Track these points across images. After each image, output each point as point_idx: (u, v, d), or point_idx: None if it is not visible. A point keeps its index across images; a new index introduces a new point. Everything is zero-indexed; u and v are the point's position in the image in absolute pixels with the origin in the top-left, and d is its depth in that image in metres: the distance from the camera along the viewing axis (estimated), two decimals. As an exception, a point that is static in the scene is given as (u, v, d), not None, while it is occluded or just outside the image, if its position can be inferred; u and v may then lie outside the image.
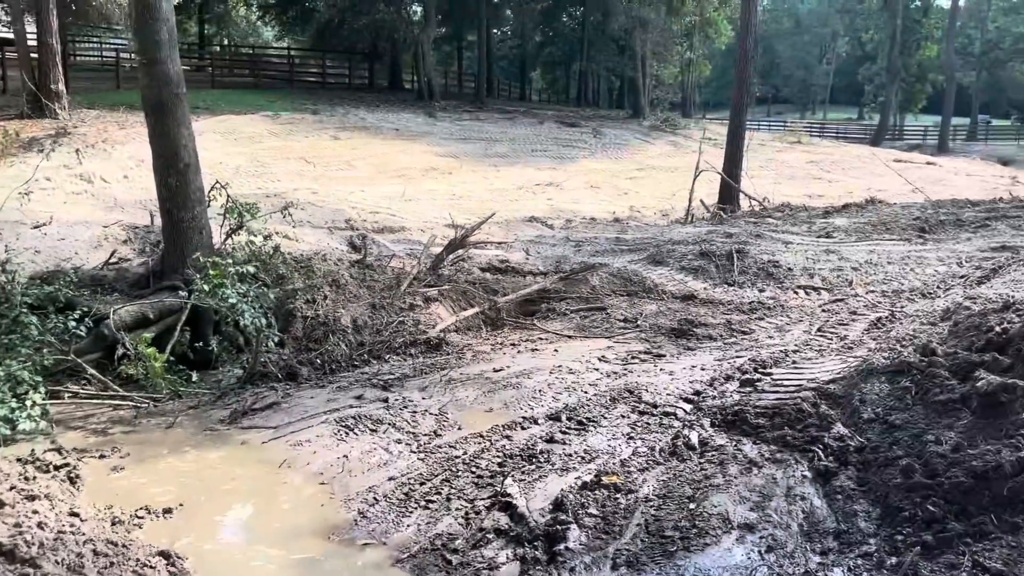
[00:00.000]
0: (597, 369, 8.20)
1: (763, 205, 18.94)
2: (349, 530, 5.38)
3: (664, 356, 8.58)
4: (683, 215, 17.20)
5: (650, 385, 7.53)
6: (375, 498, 5.72)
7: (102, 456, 6.39)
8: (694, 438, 6.04)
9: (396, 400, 7.39)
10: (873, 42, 72.00)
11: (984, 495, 4.45)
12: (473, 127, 22.29)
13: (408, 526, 5.36)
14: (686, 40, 51.49)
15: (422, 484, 5.88)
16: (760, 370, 7.54)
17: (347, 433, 6.76)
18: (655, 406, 7.00)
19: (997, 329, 6.02)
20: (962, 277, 11.31)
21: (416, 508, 5.56)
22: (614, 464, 5.88)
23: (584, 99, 49.89)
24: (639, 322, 9.96)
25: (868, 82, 75.90)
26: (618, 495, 5.32)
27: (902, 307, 9.79)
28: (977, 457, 4.66)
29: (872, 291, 11.06)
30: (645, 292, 11.20)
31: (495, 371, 8.19)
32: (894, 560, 4.23)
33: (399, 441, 6.62)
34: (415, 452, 6.44)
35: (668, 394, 7.27)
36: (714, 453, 5.77)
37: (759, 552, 4.54)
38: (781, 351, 8.27)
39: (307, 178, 15.94)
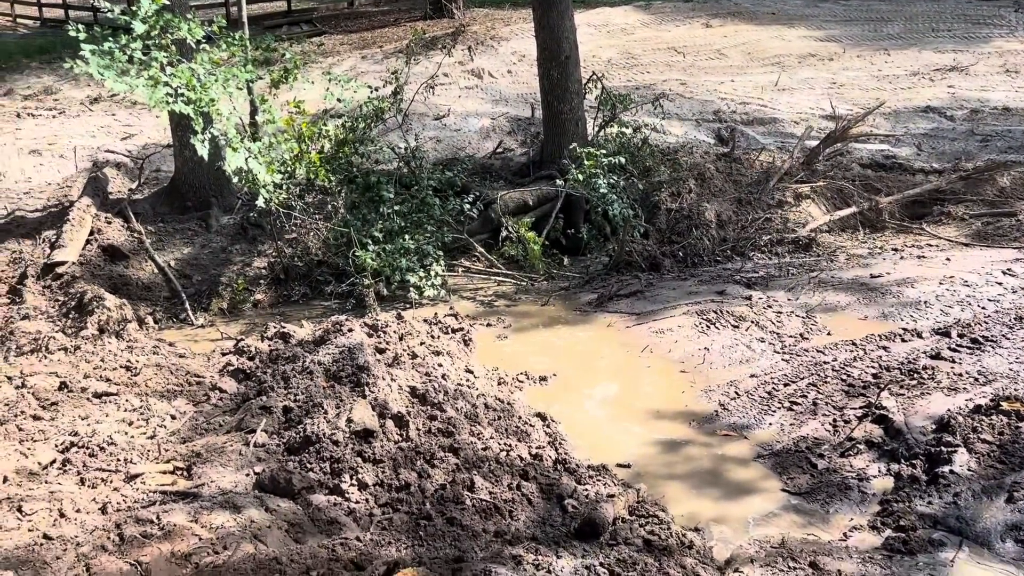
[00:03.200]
0: (1000, 283, 7.17)
1: None
2: (710, 420, 5.47)
3: (1092, 273, 7.21)
4: None
5: (1072, 306, 6.41)
6: (736, 392, 5.72)
7: (489, 324, 7.21)
8: None
9: (760, 298, 7.21)
10: None
11: None
12: (861, 7, 19.93)
13: (770, 424, 5.30)
14: None
15: (786, 385, 5.74)
16: None
17: (708, 326, 6.79)
18: (1077, 331, 5.96)
19: None
20: None
21: (779, 408, 5.46)
22: (1017, 390, 5.17)
23: (1003, -35, 41.77)
24: (1060, 232, 8.43)
25: None
26: (1020, 424, 4.68)
27: None
28: None
29: None
30: (1072, 197, 9.38)
31: (872, 277, 7.55)
32: None
33: (762, 340, 6.49)
34: (778, 352, 6.28)
35: (1098, 319, 6.13)
36: None
37: None
38: None
39: (676, 69, 15.67)
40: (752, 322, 6.77)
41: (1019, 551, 3.83)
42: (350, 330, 5.84)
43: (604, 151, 8.83)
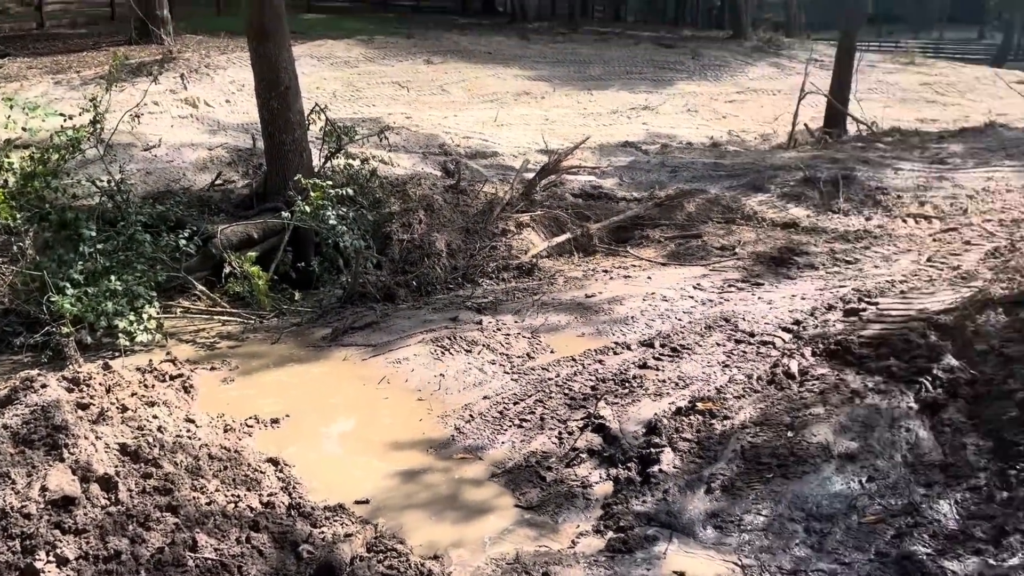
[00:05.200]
0: (692, 297, 8.07)
1: (871, 130, 17.94)
2: (446, 445, 5.54)
3: (762, 285, 8.36)
4: (785, 140, 16.48)
5: (747, 314, 7.37)
6: (471, 415, 5.86)
7: (213, 368, 6.75)
8: (794, 367, 5.91)
9: (490, 323, 7.49)
10: (1002, -48, 66.32)
11: (1111, 433, 4.21)
12: (566, 50, 21.77)
13: (503, 443, 5.49)
14: (793, -46, 48.33)
15: (516, 404, 5.98)
16: (865, 300, 7.26)
17: (443, 353, 6.92)
18: (752, 334, 6.86)
19: None
20: (1093, 207, 10.52)
21: (510, 426, 5.67)
22: (709, 391, 5.83)
23: (682, 19, 47.92)
24: (736, 250, 9.70)
25: (993, -4, 70.35)
26: (713, 421, 5.28)
27: (1022, 237, 9.19)
28: (1105, 393, 4.40)
29: (989, 220, 10.41)
30: (744, 219, 10.86)
31: (587, 297, 8.17)
32: (1005, 494, 4.07)
33: (493, 362, 6.73)
34: (508, 373, 6.55)
35: (766, 323, 7.11)
36: (815, 382, 5.63)
37: (859, 482, 4.45)
38: (888, 281, 7.93)
39: (401, 103, 16.00)
40: (484, 346, 7.01)
41: (718, 536, 4.29)
42: (44, 386, 5.15)
43: (331, 183, 8.71)
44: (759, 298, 7.91)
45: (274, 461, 5.15)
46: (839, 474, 4.53)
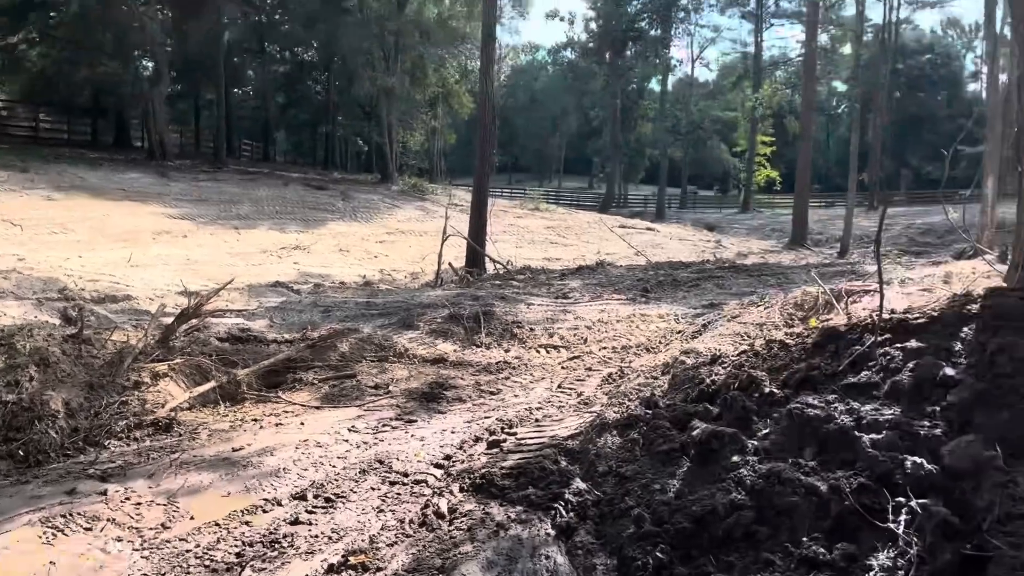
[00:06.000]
0: (346, 440, 7.94)
1: (507, 268, 19.84)
2: (50, 653, 4.64)
3: (416, 421, 8.52)
4: (433, 278, 17.49)
5: (401, 453, 7.41)
6: (84, 609, 5.02)
7: None
8: (443, 505, 5.99)
9: (117, 491, 6.62)
10: (598, 119, 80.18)
11: (704, 538, 4.83)
12: (212, 188, 21.17)
13: (125, 639, 4.75)
14: (431, 109, 53.30)
15: (145, 587, 5.26)
16: (506, 430, 7.72)
17: (55, 534, 5.91)
18: (406, 475, 6.88)
19: (707, 381, 6.68)
20: (679, 333, 12.52)
21: (136, 616, 4.94)
22: (363, 541, 5.65)
23: (331, 162, 49.74)
24: (390, 388, 9.84)
25: (595, 154, 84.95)
26: (366, 575, 5.11)
27: (630, 362, 10.59)
28: (696, 502, 5.07)
29: (604, 347, 11.87)
30: (396, 357, 11.12)
31: (234, 451, 7.63)
32: (630, 610, 4.43)
33: (119, 539, 5.90)
34: (138, 550, 5.77)
35: (419, 461, 7.19)
36: (463, 519, 5.75)
37: (508, 618, 4.55)
38: (526, 409, 8.55)
39: (12, 243, 14.13)
40: (108, 520, 6.14)
41: None
42: None
43: (-94, 341, 7.25)
44: (412, 435, 8.02)
45: None
46: (488, 613, 4.60)
